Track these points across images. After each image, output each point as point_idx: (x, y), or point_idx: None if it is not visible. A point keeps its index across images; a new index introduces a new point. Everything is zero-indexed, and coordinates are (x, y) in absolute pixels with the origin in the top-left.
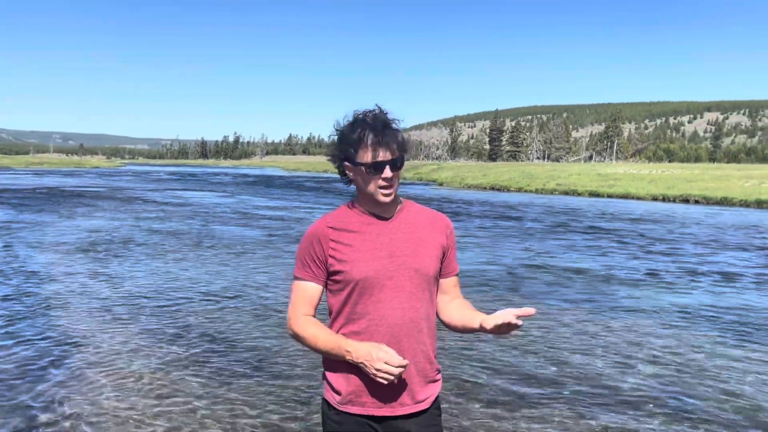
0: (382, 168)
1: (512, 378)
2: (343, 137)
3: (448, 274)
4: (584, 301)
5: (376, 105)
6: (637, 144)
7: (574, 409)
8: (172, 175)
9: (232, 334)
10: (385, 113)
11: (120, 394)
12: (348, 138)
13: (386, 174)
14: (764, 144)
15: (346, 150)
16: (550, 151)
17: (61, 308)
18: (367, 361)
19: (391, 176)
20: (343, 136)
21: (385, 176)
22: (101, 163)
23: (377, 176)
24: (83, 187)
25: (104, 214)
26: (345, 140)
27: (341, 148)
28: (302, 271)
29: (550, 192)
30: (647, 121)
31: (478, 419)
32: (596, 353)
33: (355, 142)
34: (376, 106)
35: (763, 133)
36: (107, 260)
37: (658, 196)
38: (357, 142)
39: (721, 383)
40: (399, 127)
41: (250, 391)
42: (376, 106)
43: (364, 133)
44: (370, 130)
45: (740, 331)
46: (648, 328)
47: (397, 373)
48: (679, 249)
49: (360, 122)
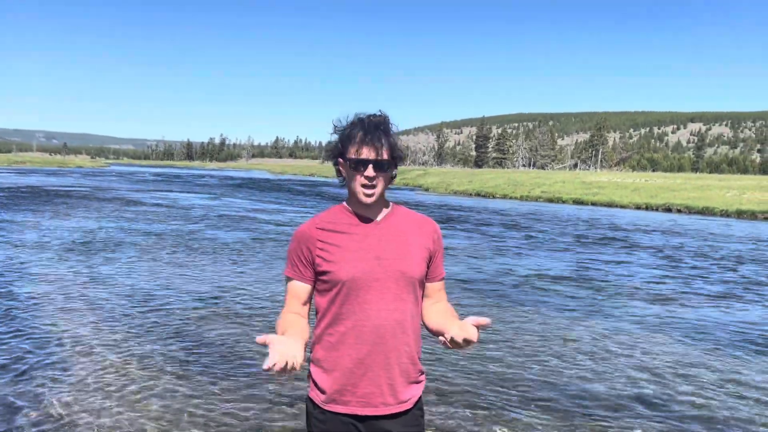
0: (365, 165)
1: (493, 382)
2: (338, 133)
3: (434, 278)
4: (567, 307)
5: (379, 110)
6: (622, 153)
7: (555, 414)
8: (157, 176)
9: (215, 334)
10: (385, 117)
11: (100, 393)
12: (342, 134)
13: (368, 173)
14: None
15: (339, 146)
16: (535, 158)
17: (40, 308)
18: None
19: (374, 176)
20: (337, 132)
21: (367, 174)
22: (85, 163)
23: (360, 173)
24: (67, 187)
25: (87, 215)
26: (339, 136)
27: (336, 143)
28: (291, 271)
29: (535, 199)
30: (632, 131)
31: (459, 422)
32: (579, 360)
33: (346, 139)
34: (379, 111)
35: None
36: (89, 260)
37: (642, 204)
38: (348, 139)
39: (701, 390)
40: (394, 132)
41: (233, 391)
42: (380, 110)
43: (355, 130)
44: (361, 128)
45: (731, 341)
46: (631, 334)
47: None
48: (668, 255)
49: (356, 121)
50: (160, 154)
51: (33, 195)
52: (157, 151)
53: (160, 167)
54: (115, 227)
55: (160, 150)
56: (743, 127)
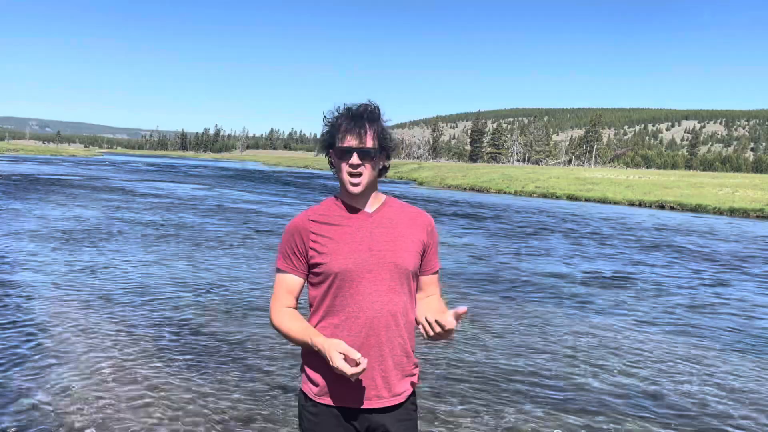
0: (349, 154)
1: (487, 376)
2: (326, 123)
3: (427, 271)
4: (562, 303)
5: (368, 100)
6: (616, 149)
7: (548, 408)
8: (150, 166)
9: (207, 325)
10: (371, 106)
11: (91, 383)
12: (330, 124)
13: (353, 160)
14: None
15: (327, 136)
16: (530, 153)
17: (33, 297)
18: (329, 357)
19: (359, 164)
20: (326, 122)
21: (351, 162)
22: (78, 152)
23: (345, 162)
24: (59, 175)
25: (80, 204)
26: (327, 126)
27: (325, 133)
28: (283, 263)
29: (529, 194)
30: (626, 128)
31: (453, 416)
32: (570, 354)
33: (334, 129)
34: (368, 100)
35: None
36: (82, 250)
37: (635, 201)
38: (335, 129)
39: (697, 387)
40: (385, 123)
41: (224, 383)
42: (368, 100)
43: (341, 120)
44: (347, 117)
45: (719, 336)
46: (623, 330)
47: (351, 372)
48: (654, 252)
49: (344, 111)
50: (154, 143)
51: (25, 183)
52: (151, 140)
53: (153, 157)
54: (107, 217)
55: (154, 140)
56: (737, 126)
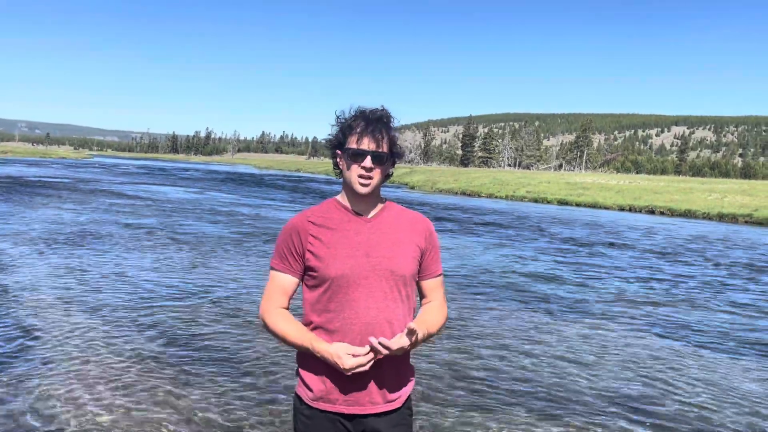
0: (363, 156)
1: (481, 380)
2: (339, 123)
3: (427, 276)
4: (552, 306)
5: (381, 105)
6: (606, 155)
7: (541, 411)
8: (141, 168)
9: (199, 329)
10: (388, 112)
11: (81, 388)
12: (343, 124)
13: (366, 163)
14: (728, 159)
15: (339, 136)
16: (521, 158)
17: (21, 300)
18: (337, 362)
19: (371, 167)
20: (339, 122)
21: (364, 165)
22: (68, 154)
23: (358, 164)
24: (48, 177)
25: (69, 206)
26: (340, 126)
27: (336, 133)
28: (279, 263)
29: (520, 199)
30: (616, 133)
31: (448, 421)
32: (563, 358)
33: (347, 129)
34: (381, 106)
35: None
36: (71, 253)
37: (625, 206)
38: (349, 129)
39: (686, 389)
40: (395, 129)
41: (217, 386)
42: (382, 106)
43: (357, 121)
44: (363, 119)
45: (708, 340)
46: (617, 333)
47: (367, 361)
48: (638, 256)
49: (359, 113)
50: (145, 146)
51: (13, 185)
52: (142, 143)
53: (144, 160)
54: (97, 219)
55: (145, 142)
56: (726, 132)
